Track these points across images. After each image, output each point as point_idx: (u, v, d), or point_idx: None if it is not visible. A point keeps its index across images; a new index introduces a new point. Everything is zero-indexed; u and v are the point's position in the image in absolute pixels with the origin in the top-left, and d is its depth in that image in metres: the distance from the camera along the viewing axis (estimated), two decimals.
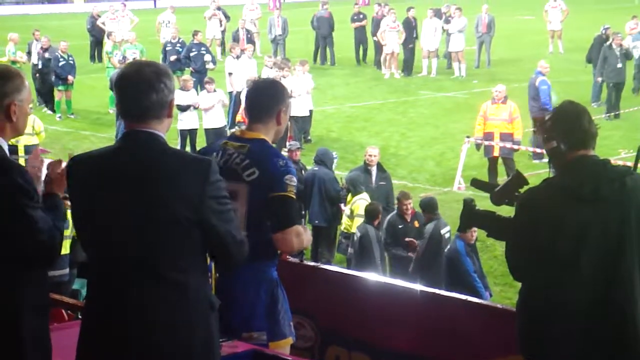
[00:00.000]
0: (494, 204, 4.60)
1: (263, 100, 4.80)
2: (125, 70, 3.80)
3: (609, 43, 21.28)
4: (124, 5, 31.95)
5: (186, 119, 17.36)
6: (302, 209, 12.00)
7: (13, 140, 12.27)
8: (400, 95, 24.48)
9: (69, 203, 3.88)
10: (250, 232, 4.45)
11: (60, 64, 21.77)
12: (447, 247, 10.46)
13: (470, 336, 5.62)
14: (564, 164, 4.24)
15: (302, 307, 5.91)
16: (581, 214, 4.11)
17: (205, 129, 17.45)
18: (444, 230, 10.82)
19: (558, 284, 4.13)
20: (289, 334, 4.81)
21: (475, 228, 7.89)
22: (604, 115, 19.81)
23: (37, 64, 22.89)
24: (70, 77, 21.79)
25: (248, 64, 20.65)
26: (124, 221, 3.63)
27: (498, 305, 6.27)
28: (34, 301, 3.88)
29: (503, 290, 10.80)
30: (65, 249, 9.03)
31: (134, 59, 20.72)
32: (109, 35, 25.40)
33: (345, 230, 11.94)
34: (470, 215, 4.67)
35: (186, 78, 18.41)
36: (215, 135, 16.65)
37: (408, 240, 11.05)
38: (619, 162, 8.10)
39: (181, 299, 3.63)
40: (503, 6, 44.20)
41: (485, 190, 4.72)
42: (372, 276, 7.00)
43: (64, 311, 5.90)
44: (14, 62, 21.85)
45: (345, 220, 12.00)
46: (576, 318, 4.14)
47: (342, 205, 12.32)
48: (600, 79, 21.37)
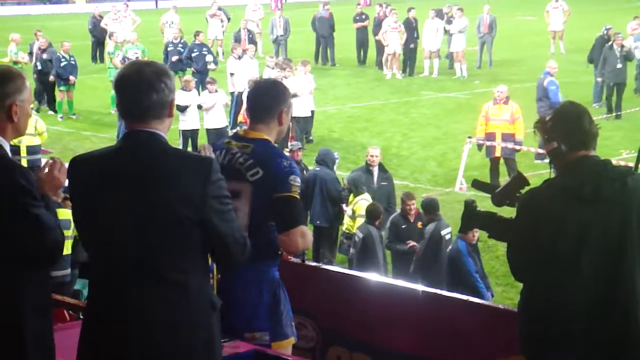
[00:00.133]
0: (495, 205, 4.60)
1: (265, 100, 4.80)
2: (125, 70, 3.79)
3: (610, 43, 21.27)
4: (126, 6, 31.97)
5: (188, 120, 17.35)
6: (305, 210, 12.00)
7: (15, 141, 12.25)
8: (402, 95, 24.48)
9: (69, 203, 3.88)
10: (252, 232, 4.46)
11: (62, 64, 21.74)
12: (449, 248, 10.46)
13: (472, 337, 5.62)
14: (564, 165, 4.24)
15: (304, 308, 5.91)
16: (582, 214, 4.11)
17: (207, 129, 17.43)
18: (445, 231, 10.82)
19: (559, 284, 4.14)
20: (291, 334, 4.81)
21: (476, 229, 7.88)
22: (603, 116, 19.79)
23: (36, 65, 22.73)
24: (72, 78, 21.77)
25: (250, 65, 20.66)
26: (124, 221, 3.62)
27: (500, 305, 6.27)
28: (35, 301, 3.88)
29: (505, 291, 10.79)
30: (67, 250, 9.03)
31: (136, 59, 20.73)
32: (111, 35, 25.38)
33: (346, 231, 11.93)
34: (472, 217, 4.67)
35: (188, 78, 18.40)
36: (216, 135, 16.63)
37: (409, 246, 11.06)
38: (620, 163, 8.11)
39: (182, 299, 3.63)
40: (505, 7, 44.20)
41: (486, 191, 4.72)
42: (374, 277, 7.00)
43: (65, 311, 5.91)
44: (15, 63, 21.86)
45: (347, 220, 11.99)
46: (577, 318, 4.15)
47: (344, 206, 12.32)
48: (600, 80, 21.37)
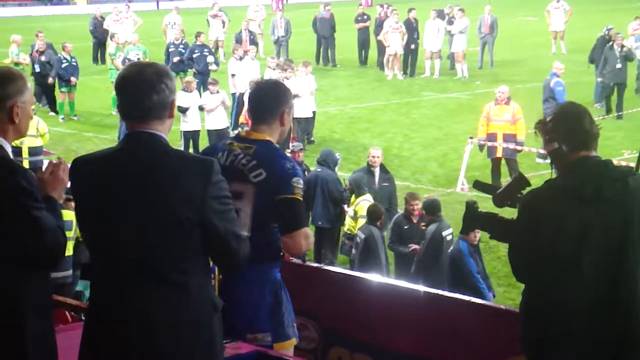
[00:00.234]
0: (497, 206, 4.60)
1: (266, 101, 4.79)
2: (126, 71, 3.79)
3: (611, 44, 21.26)
4: (128, 7, 31.99)
5: (189, 121, 17.33)
6: (307, 210, 12.00)
7: (17, 142, 12.26)
8: (403, 96, 24.48)
9: (72, 204, 3.88)
10: (254, 233, 4.47)
11: (63, 65, 21.72)
12: (450, 248, 10.45)
13: (474, 337, 5.62)
14: (565, 165, 4.24)
15: (305, 309, 5.91)
16: (583, 214, 4.11)
17: (208, 130, 17.42)
18: (446, 232, 10.81)
19: (560, 284, 4.14)
20: (292, 335, 4.80)
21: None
22: (602, 116, 19.75)
23: (34, 67, 22.35)
24: (73, 79, 21.76)
25: (251, 66, 20.66)
26: (125, 222, 3.62)
27: (501, 306, 6.28)
28: (36, 302, 3.87)
29: (506, 291, 10.79)
30: (68, 251, 9.04)
31: (137, 60, 20.72)
32: (112, 36, 25.39)
33: (348, 232, 11.93)
34: (473, 217, 4.67)
35: (189, 79, 18.38)
36: (217, 136, 16.63)
37: (412, 248, 11.05)
38: (622, 163, 8.11)
39: (183, 300, 3.63)
40: (506, 7, 44.19)
41: (487, 192, 4.72)
42: (375, 277, 7.00)
43: (67, 313, 5.89)
44: (17, 64, 21.85)
45: (348, 221, 11.99)
46: (578, 318, 4.15)
47: (345, 207, 12.32)
48: (600, 80, 21.35)
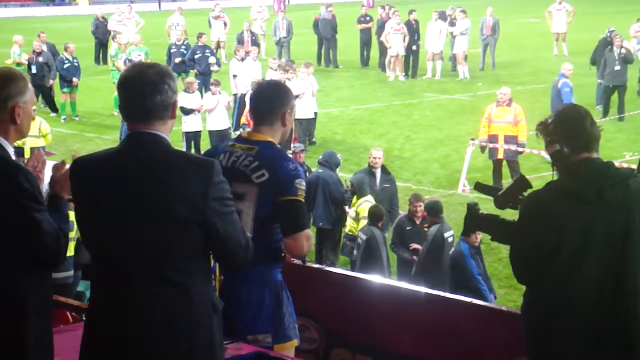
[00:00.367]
0: (498, 208, 4.60)
1: (268, 102, 4.78)
2: (128, 72, 3.79)
3: (610, 46, 21.23)
4: (130, 7, 32.00)
5: (190, 122, 17.33)
6: (308, 211, 11.99)
7: (19, 142, 12.17)
8: (404, 97, 24.48)
9: (72, 205, 3.88)
10: (256, 234, 4.47)
11: (65, 66, 21.75)
12: (452, 250, 10.44)
13: (475, 339, 5.62)
14: (567, 167, 4.24)
15: (307, 310, 5.91)
16: (585, 216, 4.11)
17: (209, 131, 17.42)
18: (447, 233, 10.79)
19: (562, 286, 4.14)
20: (294, 336, 4.80)
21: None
22: (603, 118, 19.72)
23: (30, 68, 21.50)
24: (75, 80, 21.79)
25: (253, 67, 20.66)
26: (125, 222, 3.63)
27: (503, 307, 6.28)
28: (37, 303, 3.88)
29: (507, 293, 10.78)
30: (69, 251, 9.03)
31: (139, 60, 20.72)
32: (114, 37, 25.41)
33: (349, 233, 11.92)
34: (474, 219, 4.67)
35: (190, 80, 18.38)
36: (219, 137, 16.62)
37: (413, 247, 11.05)
38: (623, 165, 8.13)
39: (182, 301, 3.63)
40: (508, 9, 44.25)
41: (488, 193, 4.72)
42: (377, 278, 7.00)
43: (68, 313, 5.90)
44: (19, 65, 21.86)
45: (350, 222, 11.97)
46: (580, 319, 4.15)
47: (347, 208, 12.31)
48: (600, 82, 21.33)
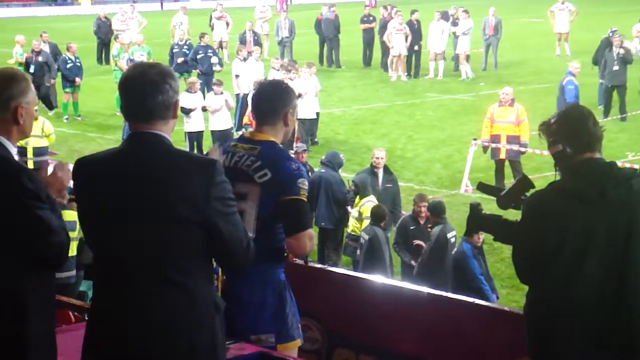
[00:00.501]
0: (501, 208, 4.60)
1: (270, 102, 4.78)
2: (129, 72, 3.79)
3: (611, 45, 21.22)
4: (133, 7, 32.02)
5: (193, 122, 17.34)
6: (311, 211, 11.97)
7: (22, 142, 12.14)
8: (407, 97, 24.47)
9: (75, 204, 3.88)
10: (259, 234, 4.47)
11: (68, 66, 21.76)
12: (454, 250, 10.44)
13: (477, 339, 5.62)
14: (570, 167, 4.24)
15: (309, 310, 5.90)
16: (587, 216, 4.11)
17: (212, 130, 17.42)
18: (450, 234, 10.76)
19: (564, 285, 4.14)
20: (297, 336, 4.79)
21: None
22: (605, 118, 19.70)
23: (28, 68, 21.19)
24: (77, 80, 21.79)
25: (255, 67, 20.65)
26: (126, 222, 3.63)
27: (505, 307, 6.28)
28: (38, 303, 3.88)
29: (510, 293, 10.77)
30: (72, 251, 9.04)
31: (142, 60, 20.72)
32: (116, 37, 25.42)
33: (352, 233, 11.90)
34: (477, 220, 4.67)
35: (192, 80, 18.38)
36: (221, 137, 16.62)
37: (416, 243, 11.03)
38: (626, 165, 8.13)
39: (183, 301, 3.63)
40: (510, 9, 44.23)
41: (491, 193, 4.72)
42: (379, 279, 7.00)
43: (70, 313, 5.91)
44: (21, 64, 21.90)
45: (352, 222, 11.95)
46: (583, 318, 4.15)
47: (349, 208, 12.30)
48: (601, 82, 21.30)
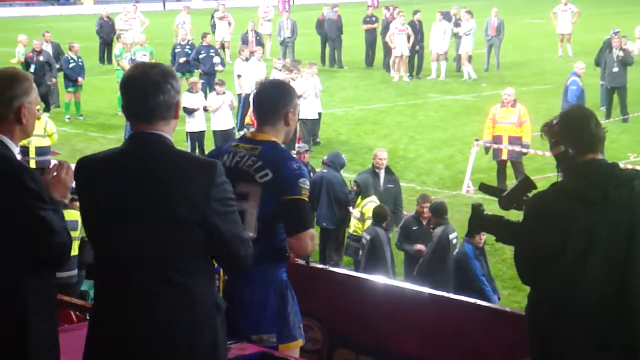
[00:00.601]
0: (503, 209, 4.59)
1: (271, 102, 4.78)
2: (131, 72, 3.79)
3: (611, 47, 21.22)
4: (135, 7, 32.03)
5: (194, 122, 17.34)
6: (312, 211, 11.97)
7: (25, 142, 12.12)
8: (409, 98, 24.47)
9: (77, 204, 3.89)
10: (260, 234, 4.47)
11: (70, 65, 21.77)
12: (456, 251, 10.44)
13: (479, 339, 5.61)
14: (572, 168, 4.24)
15: (310, 310, 5.90)
16: (590, 217, 4.11)
17: (213, 130, 17.43)
18: (452, 235, 10.78)
19: (566, 286, 4.14)
20: (299, 336, 4.79)
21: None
22: (606, 119, 19.67)
23: (28, 68, 20.89)
24: (80, 79, 21.80)
25: (257, 67, 20.65)
26: (126, 222, 3.63)
27: (507, 308, 6.27)
28: (41, 302, 3.88)
29: (511, 294, 10.77)
30: (73, 251, 9.04)
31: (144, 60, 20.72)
32: (118, 37, 25.43)
33: (354, 233, 11.91)
34: (479, 220, 4.66)
35: (194, 80, 18.38)
36: (223, 137, 16.64)
37: (417, 248, 11.03)
38: (628, 166, 8.12)
39: (184, 301, 3.63)
40: (513, 9, 44.21)
41: (493, 194, 4.71)
42: (380, 279, 7.00)
43: (72, 312, 5.91)
44: (22, 64, 21.91)
45: (354, 222, 11.95)
46: (585, 319, 4.15)
47: (350, 208, 12.30)
48: (602, 83, 21.27)
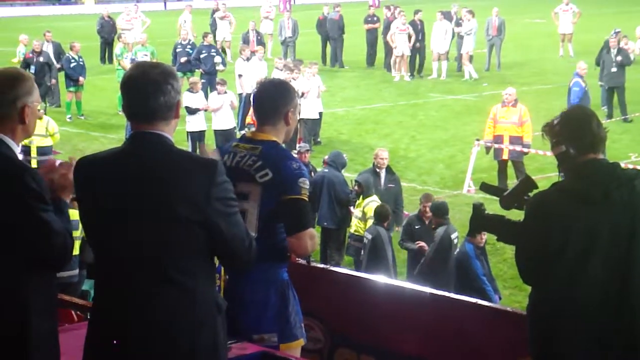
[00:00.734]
0: (504, 208, 4.59)
1: (270, 101, 4.77)
2: (131, 72, 3.77)
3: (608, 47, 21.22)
4: (136, 7, 32.03)
5: (194, 122, 17.35)
6: (313, 211, 11.97)
7: (26, 141, 12.13)
8: (409, 97, 24.47)
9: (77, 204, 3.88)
10: (261, 233, 4.47)
11: (71, 65, 21.77)
12: (457, 250, 10.44)
13: (480, 339, 5.61)
14: (573, 168, 4.24)
15: (311, 309, 5.90)
16: (591, 217, 4.11)
17: (215, 130, 17.44)
18: (453, 235, 10.78)
19: (567, 285, 4.14)
20: (300, 336, 4.79)
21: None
22: (607, 120, 19.65)
23: (29, 69, 20.46)
24: (81, 79, 21.80)
25: (258, 66, 20.64)
26: (126, 222, 3.63)
27: (507, 308, 6.28)
28: (42, 302, 3.88)
29: (512, 294, 10.77)
30: (74, 250, 9.04)
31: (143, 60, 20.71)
32: (119, 37, 25.44)
33: (355, 233, 11.90)
34: (480, 220, 4.66)
35: (194, 80, 18.37)
36: (224, 136, 16.65)
37: (419, 245, 11.03)
38: (629, 166, 8.13)
39: (184, 301, 3.63)
40: (513, 9, 44.18)
41: (494, 194, 4.71)
42: (381, 279, 7.00)
43: (73, 312, 5.91)
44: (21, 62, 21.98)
45: (356, 222, 11.95)
46: (586, 319, 4.15)
47: (351, 208, 12.29)
48: (600, 84, 21.27)
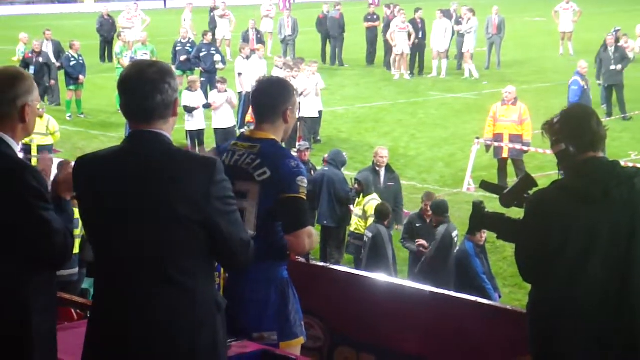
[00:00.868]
0: (503, 206, 4.59)
1: (269, 99, 4.77)
2: (128, 71, 3.77)
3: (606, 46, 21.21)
4: (136, 5, 32.03)
5: (193, 120, 17.35)
6: (313, 210, 11.97)
7: (27, 140, 12.12)
8: (409, 96, 24.46)
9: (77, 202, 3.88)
10: (259, 232, 4.48)
11: (71, 63, 21.77)
12: (457, 249, 10.44)
13: (480, 337, 5.62)
14: (573, 166, 4.24)
15: (311, 308, 5.90)
16: (590, 215, 4.11)
17: (215, 128, 17.43)
18: (454, 233, 10.79)
19: (567, 284, 4.14)
20: (300, 334, 4.79)
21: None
22: (607, 118, 19.65)
23: (28, 69, 20.19)
24: (81, 77, 21.80)
25: (258, 64, 20.63)
26: (127, 221, 3.63)
27: (507, 306, 6.28)
28: (41, 302, 3.88)
29: (512, 292, 10.78)
30: (74, 249, 9.05)
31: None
32: (119, 35, 25.44)
33: (355, 231, 11.90)
34: (480, 218, 4.66)
35: (193, 78, 18.35)
36: (224, 135, 16.65)
37: (419, 243, 11.03)
38: (629, 164, 8.13)
39: (184, 300, 3.63)
40: (513, 7, 44.15)
41: (494, 192, 4.71)
42: (382, 277, 7.00)
43: (73, 310, 5.92)
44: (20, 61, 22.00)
45: (356, 220, 11.94)
46: (585, 318, 4.15)
47: (351, 206, 12.29)
48: (598, 82, 21.26)
